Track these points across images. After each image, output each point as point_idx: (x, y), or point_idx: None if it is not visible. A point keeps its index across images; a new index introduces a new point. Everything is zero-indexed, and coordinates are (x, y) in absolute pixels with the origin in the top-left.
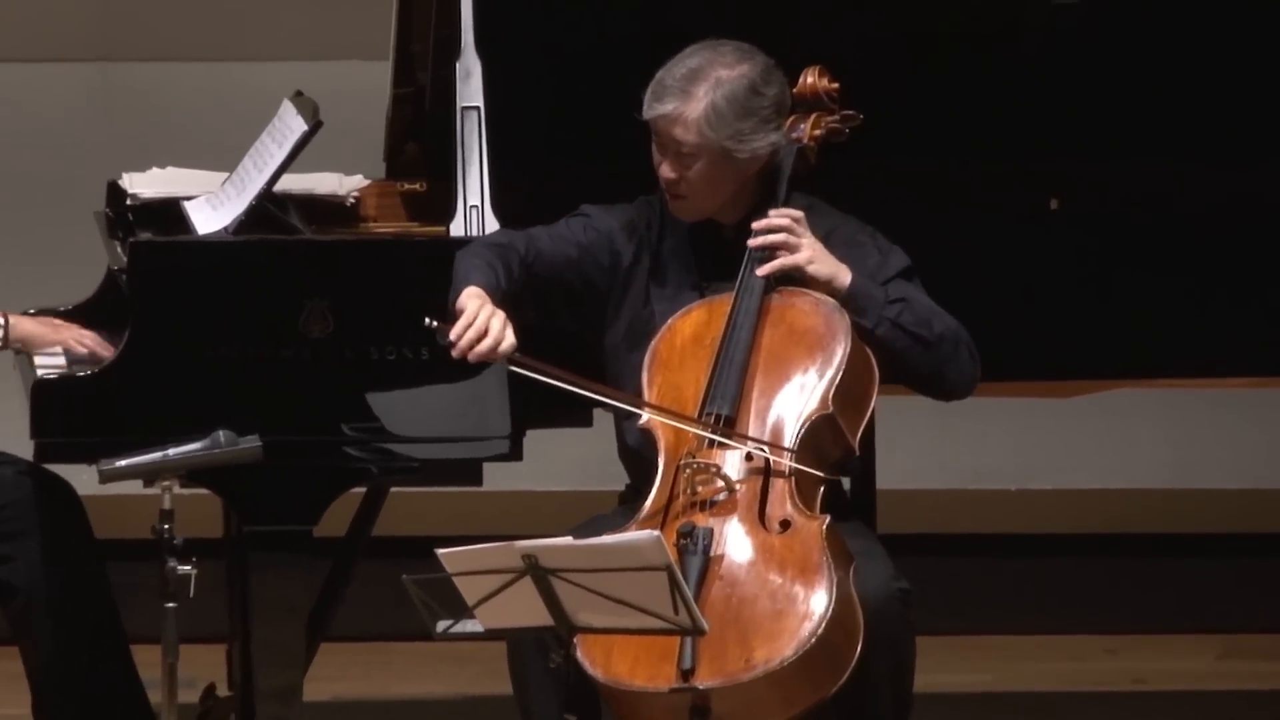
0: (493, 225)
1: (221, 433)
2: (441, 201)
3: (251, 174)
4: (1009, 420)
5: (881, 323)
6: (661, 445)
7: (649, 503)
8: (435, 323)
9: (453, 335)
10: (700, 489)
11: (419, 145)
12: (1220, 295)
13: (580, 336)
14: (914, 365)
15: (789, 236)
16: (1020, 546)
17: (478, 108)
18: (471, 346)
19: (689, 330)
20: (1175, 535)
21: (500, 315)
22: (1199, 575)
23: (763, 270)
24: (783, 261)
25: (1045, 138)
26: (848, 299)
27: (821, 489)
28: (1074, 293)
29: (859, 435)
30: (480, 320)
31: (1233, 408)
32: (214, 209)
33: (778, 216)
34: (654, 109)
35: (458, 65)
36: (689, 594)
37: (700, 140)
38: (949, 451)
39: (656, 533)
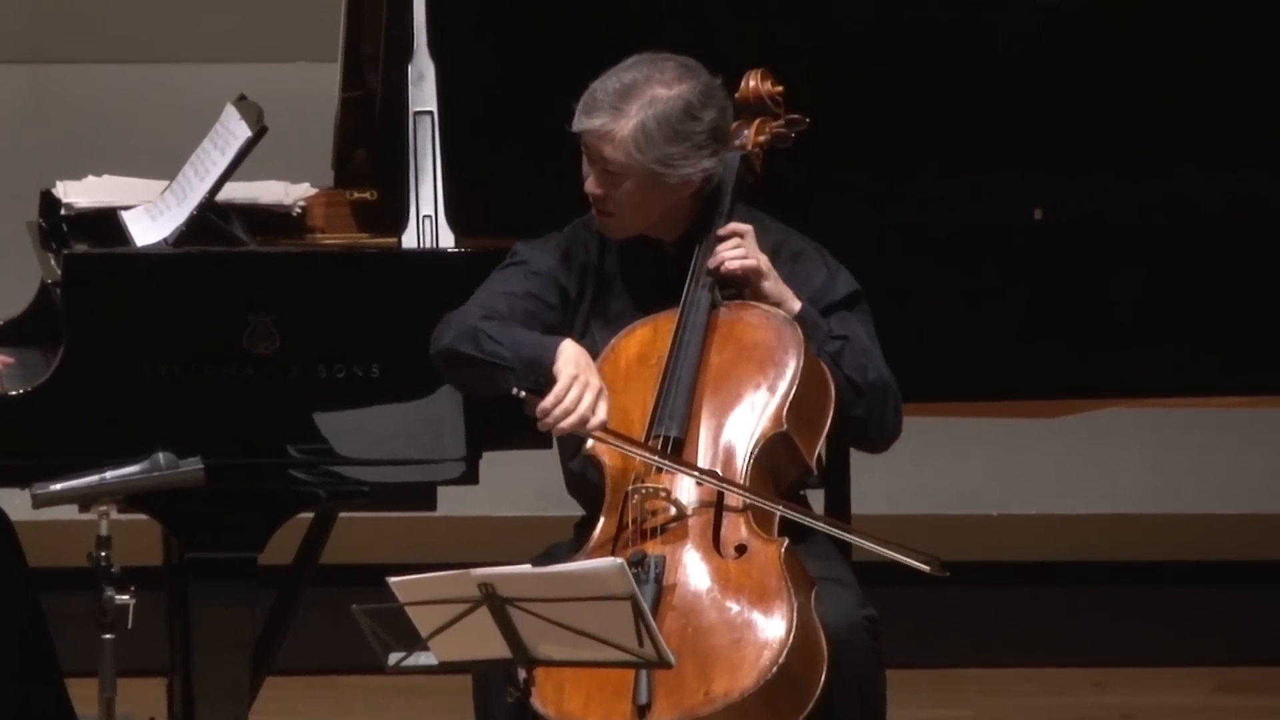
0: (446, 235)
1: (161, 455)
2: (393, 211)
3: (193, 182)
4: (989, 442)
5: (821, 355)
6: (607, 471)
7: (596, 532)
8: (523, 393)
9: (543, 405)
10: (650, 515)
11: (369, 152)
12: (1211, 310)
13: None
14: (843, 407)
15: (745, 250)
16: (1002, 574)
17: (431, 112)
18: (558, 421)
19: (633, 350)
20: (1165, 563)
21: (597, 388)
22: (1190, 605)
23: (714, 261)
24: (742, 263)
25: (1028, 144)
26: None
27: (777, 513)
28: (1058, 307)
29: (816, 453)
30: (572, 395)
31: (1224, 429)
32: (153, 219)
33: (731, 234)
34: (582, 123)
35: (410, 67)
36: (654, 625)
37: (627, 161)
38: (927, 475)
39: (620, 560)
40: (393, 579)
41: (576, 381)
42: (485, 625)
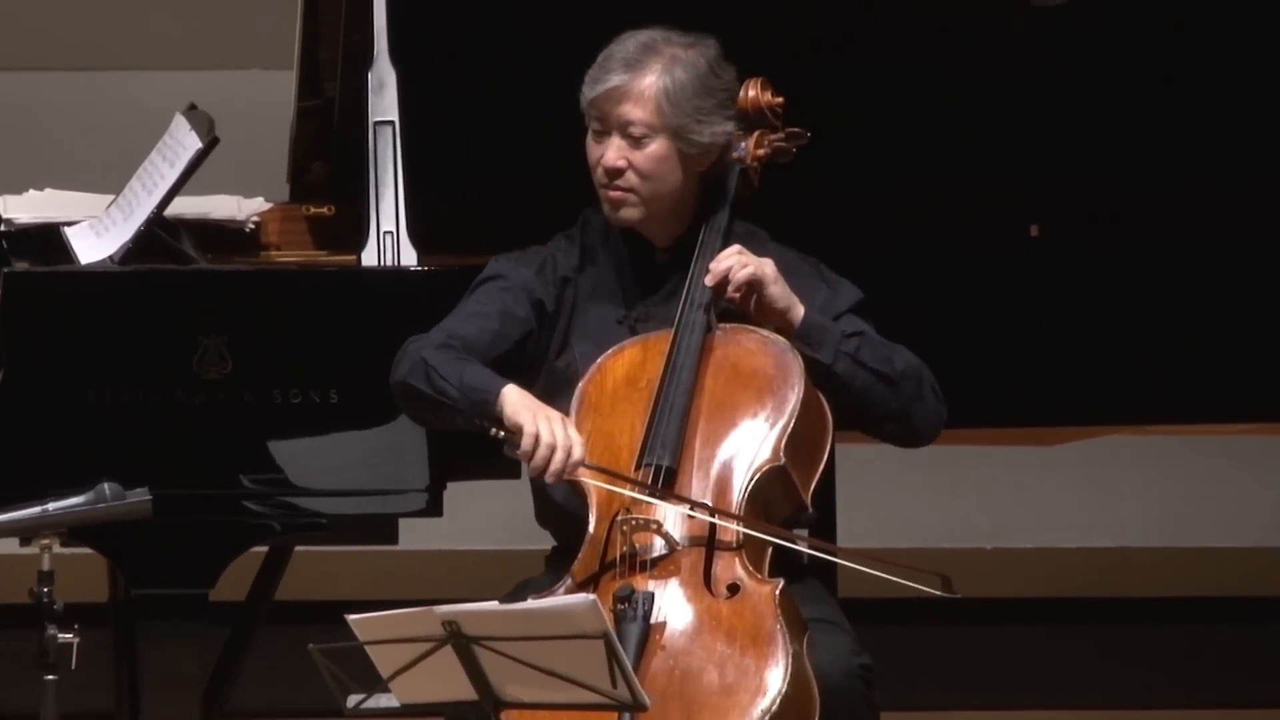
0: (409, 253)
1: (107, 485)
2: (352, 227)
3: (140, 196)
4: (982, 472)
5: (839, 358)
6: (593, 498)
7: (579, 562)
8: (502, 433)
9: (524, 449)
10: (639, 548)
11: (327, 164)
12: (1217, 332)
13: None
14: (875, 405)
15: (745, 259)
16: (995, 612)
17: (392, 122)
18: (547, 462)
19: (621, 371)
20: (1168, 599)
21: (559, 417)
22: (1195, 643)
23: (712, 279)
24: (749, 272)
25: (1025, 159)
26: (801, 333)
27: (771, 548)
28: (1055, 328)
29: (812, 489)
30: (545, 431)
31: (1231, 458)
32: (98, 235)
33: (726, 256)
34: (603, 82)
35: (370, 74)
36: (628, 665)
37: (654, 118)
38: (916, 507)
39: (592, 596)
40: (352, 616)
41: (541, 418)
42: (450, 665)
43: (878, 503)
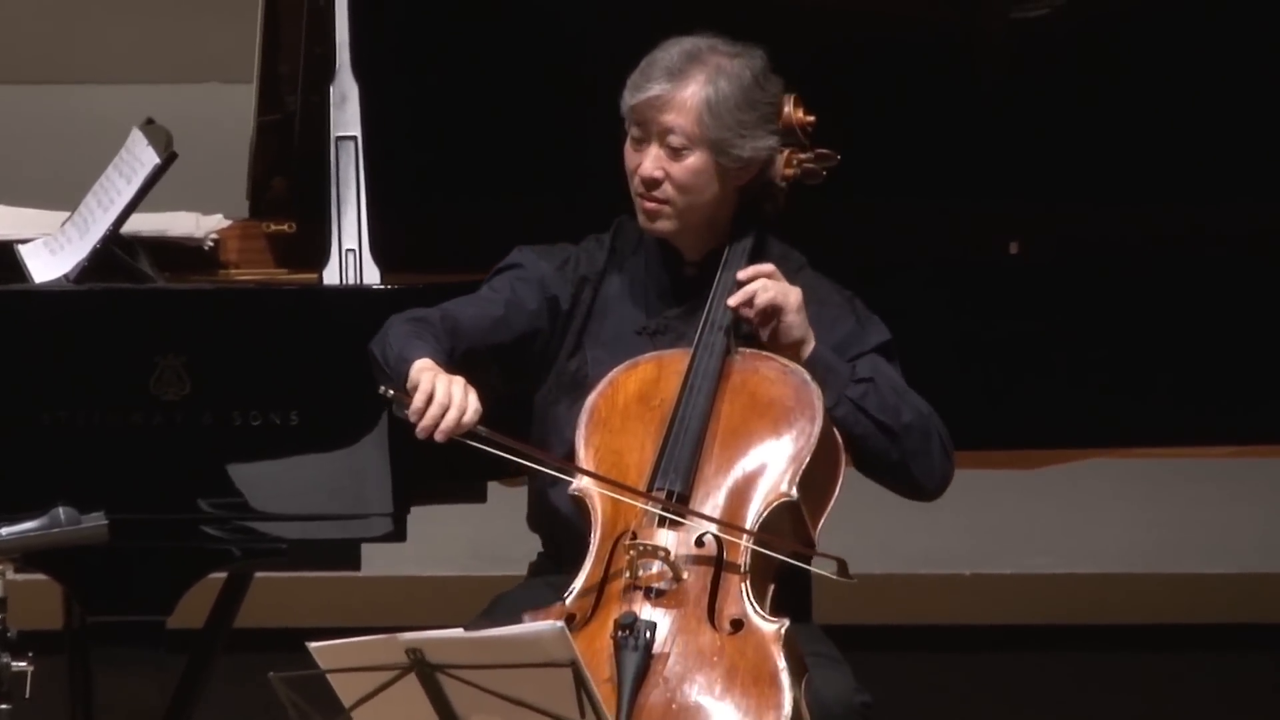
0: (372, 271)
1: (62, 510)
2: (313, 245)
3: (96, 213)
4: (962, 496)
5: (842, 402)
6: (598, 516)
7: (581, 580)
8: (391, 391)
9: (414, 407)
10: (642, 573)
11: (287, 180)
12: (1204, 352)
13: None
14: (873, 455)
15: (771, 284)
16: (975, 639)
17: (355, 137)
18: (436, 421)
19: (634, 387)
20: (1154, 626)
21: (460, 381)
22: (1182, 672)
23: (736, 299)
24: (769, 296)
25: (1004, 172)
26: (806, 367)
27: (774, 587)
28: (1036, 348)
29: (820, 525)
30: (441, 390)
31: (1216, 481)
32: (53, 254)
33: (754, 275)
34: (645, 90)
35: (332, 88)
36: (596, 694)
37: (696, 130)
38: (894, 532)
39: (559, 623)
40: (313, 644)
41: (440, 379)
42: (414, 694)
43: (855, 527)
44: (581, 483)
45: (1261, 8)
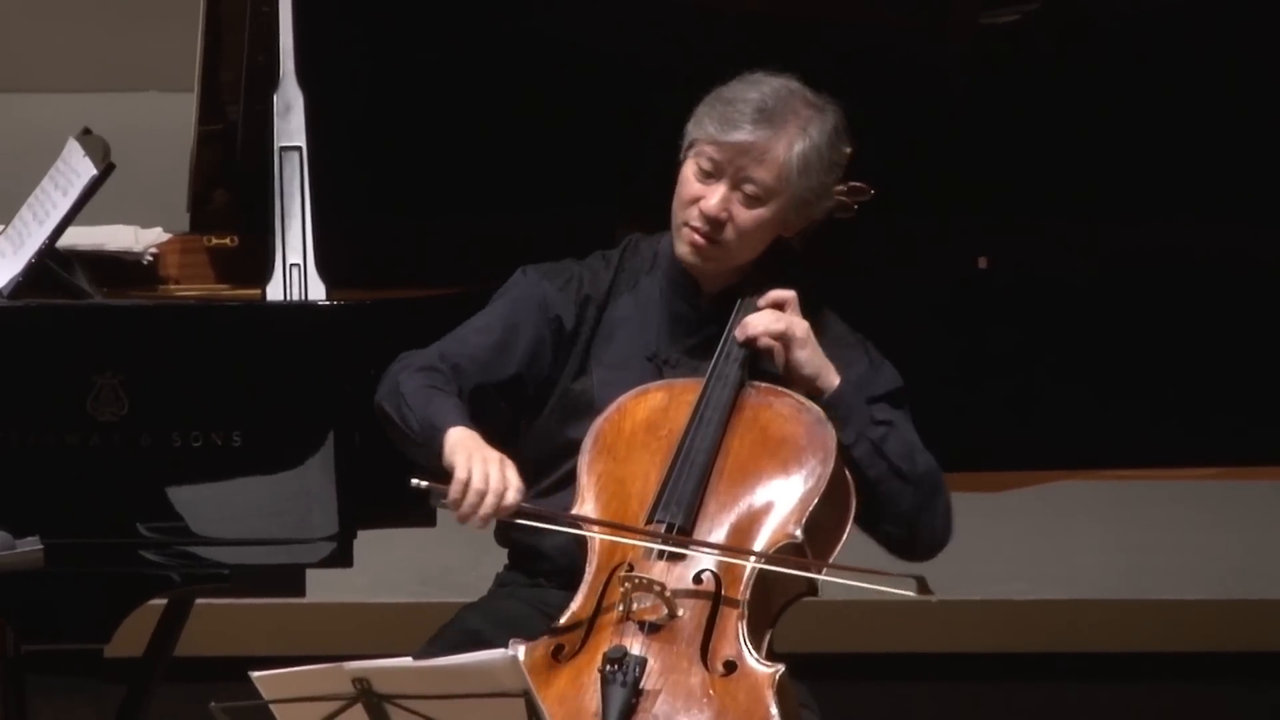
0: (317, 287)
1: None
2: (256, 259)
3: (30, 226)
4: None
5: (861, 441)
6: (594, 546)
7: (574, 606)
8: (425, 484)
9: (453, 498)
10: (636, 607)
11: (229, 192)
12: (1178, 371)
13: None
14: (885, 501)
15: (786, 317)
16: (943, 668)
17: (299, 148)
18: (477, 508)
19: (642, 415)
20: (1128, 655)
21: (497, 459)
22: (1157, 703)
23: (743, 333)
24: (768, 326)
25: (972, 185)
26: (829, 403)
27: (771, 631)
28: (1004, 366)
29: (824, 570)
30: (478, 474)
31: (1192, 504)
32: None
33: (772, 303)
34: (734, 131)
35: (275, 97)
36: None
37: (779, 185)
38: (857, 557)
39: (512, 652)
40: (256, 673)
41: (475, 459)
42: None
43: None
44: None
45: (1235, 20)
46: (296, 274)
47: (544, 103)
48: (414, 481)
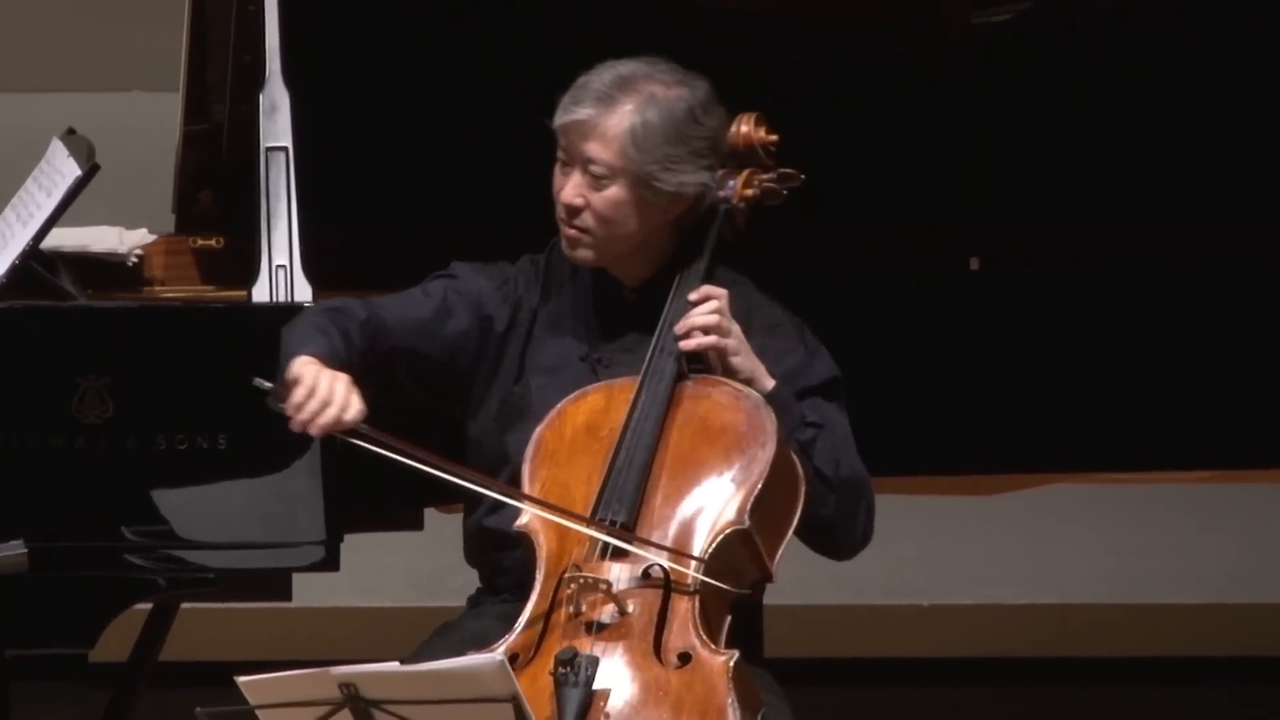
0: (303, 289)
1: None
2: (242, 260)
3: (14, 228)
4: (918, 523)
5: (789, 443)
6: (542, 552)
7: (524, 618)
8: (267, 384)
9: (291, 401)
10: (585, 608)
11: (215, 193)
12: (1169, 373)
13: (441, 416)
14: (806, 504)
15: (720, 319)
16: (933, 672)
17: (285, 148)
18: (314, 416)
19: (582, 418)
20: (1118, 659)
21: (343, 379)
22: (1147, 707)
23: (684, 343)
24: (709, 340)
25: (964, 186)
26: None
27: (729, 619)
28: (996, 368)
29: (778, 556)
30: (322, 387)
31: (1183, 508)
32: None
33: (704, 297)
34: (569, 113)
35: (261, 97)
36: None
37: (618, 160)
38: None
39: (499, 656)
40: (242, 678)
41: (323, 375)
42: None
43: (807, 556)
44: (524, 519)
45: (1227, 19)
46: (283, 275)
47: (532, 102)
48: (256, 380)
